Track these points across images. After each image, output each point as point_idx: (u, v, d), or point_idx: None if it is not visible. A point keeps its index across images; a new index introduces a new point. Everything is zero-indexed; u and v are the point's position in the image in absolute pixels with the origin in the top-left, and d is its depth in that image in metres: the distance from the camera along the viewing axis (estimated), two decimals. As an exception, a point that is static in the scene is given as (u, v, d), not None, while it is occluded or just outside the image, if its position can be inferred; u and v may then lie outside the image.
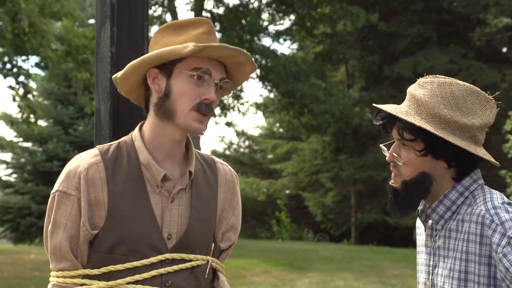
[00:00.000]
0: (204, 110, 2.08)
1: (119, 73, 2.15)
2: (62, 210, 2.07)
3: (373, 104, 2.27)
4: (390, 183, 2.24)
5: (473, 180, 2.19)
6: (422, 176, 2.16)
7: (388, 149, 2.25)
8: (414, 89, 2.20)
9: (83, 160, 2.11)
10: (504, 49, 25.52)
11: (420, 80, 2.22)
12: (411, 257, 15.57)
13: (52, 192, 2.11)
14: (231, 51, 2.09)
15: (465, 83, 2.19)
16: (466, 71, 22.35)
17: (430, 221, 2.24)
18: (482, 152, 2.16)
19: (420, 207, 2.27)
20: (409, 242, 21.91)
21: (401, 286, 11.56)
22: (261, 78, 19.15)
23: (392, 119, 2.20)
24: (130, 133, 2.20)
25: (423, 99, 2.15)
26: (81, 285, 2.07)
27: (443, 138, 2.10)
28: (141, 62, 2.10)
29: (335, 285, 11.54)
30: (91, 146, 2.23)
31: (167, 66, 2.09)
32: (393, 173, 2.23)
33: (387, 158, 2.23)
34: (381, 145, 2.30)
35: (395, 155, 2.20)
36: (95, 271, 2.07)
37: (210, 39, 2.13)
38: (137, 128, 2.19)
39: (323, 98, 17.76)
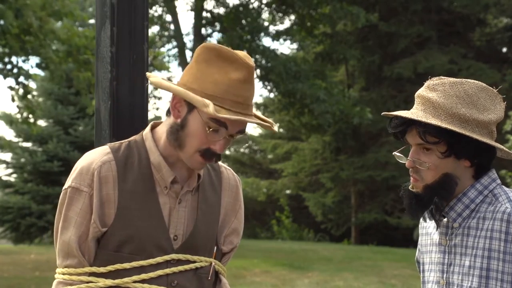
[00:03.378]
0: (209, 157, 2.07)
1: (153, 80, 2.11)
2: (73, 206, 2.08)
3: (383, 113, 2.26)
4: (409, 188, 2.21)
5: (492, 179, 2.20)
6: (446, 178, 2.15)
7: (406, 156, 2.21)
8: (426, 92, 2.19)
9: (96, 158, 2.11)
10: (504, 49, 25.52)
11: (429, 83, 2.21)
12: (411, 257, 15.52)
13: (64, 188, 2.11)
14: (247, 122, 2.05)
15: (474, 81, 2.20)
16: (466, 71, 22.34)
17: (445, 219, 2.23)
18: (502, 147, 2.18)
19: (432, 206, 2.25)
20: (409, 242, 21.90)
21: (401, 286, 11.55)
22: (261, 78, 19.14)
23: (407, 125, 2.17)
24: (141, 132, 2.19)
25: (438, 101, 2.14)
26: (87, 282, 2.07)
27: (467, 137, 2.10)
28: (168, 90, 2.07)
29: (335, 285, 11.53)
30: (91, 146, 2.23)
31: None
32: (412, 179, 2.20)
33: (407, 164, 2.19)
34: (395, 153, 2.26)
35: (416, 160, 2.18)
36: (102, 269, 2.08)
37: (244, 88, 2.03)
38: (148, 128, 2.17)
39: (323, 98, 17.75)
